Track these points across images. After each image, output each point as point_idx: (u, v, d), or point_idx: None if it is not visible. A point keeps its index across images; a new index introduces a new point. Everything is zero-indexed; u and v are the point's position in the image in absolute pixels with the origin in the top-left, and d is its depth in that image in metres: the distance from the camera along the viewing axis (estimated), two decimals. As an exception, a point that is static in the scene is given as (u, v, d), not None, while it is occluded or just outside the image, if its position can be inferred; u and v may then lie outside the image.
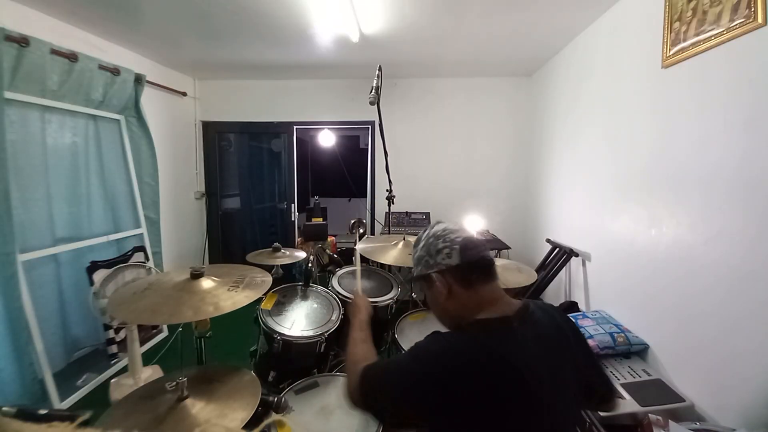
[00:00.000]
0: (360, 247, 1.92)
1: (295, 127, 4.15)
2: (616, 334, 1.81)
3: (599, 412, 1.42)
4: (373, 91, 1.80)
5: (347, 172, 4.51)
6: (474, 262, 0.87)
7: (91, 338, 2.54)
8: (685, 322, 1.58)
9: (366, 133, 4.35)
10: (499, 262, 1.71)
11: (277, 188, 4.41)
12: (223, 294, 1.15)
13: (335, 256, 2.52)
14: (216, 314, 1.06)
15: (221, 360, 1.28)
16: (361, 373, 0.85)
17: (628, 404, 1.46)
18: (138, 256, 2.80)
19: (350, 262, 2.27)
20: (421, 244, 0.93)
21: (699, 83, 1.53)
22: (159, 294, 1.11)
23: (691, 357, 1.55)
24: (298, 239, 4.00)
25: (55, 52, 2.20)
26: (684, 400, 1.49)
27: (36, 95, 2.17)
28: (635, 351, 1.79)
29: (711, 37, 1.43)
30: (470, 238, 0.89)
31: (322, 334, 1.55)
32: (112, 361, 2.53)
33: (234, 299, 1.13)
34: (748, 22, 1.27)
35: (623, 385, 1.56)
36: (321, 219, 3.36)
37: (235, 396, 0.99)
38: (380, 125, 2.00)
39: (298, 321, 1.61)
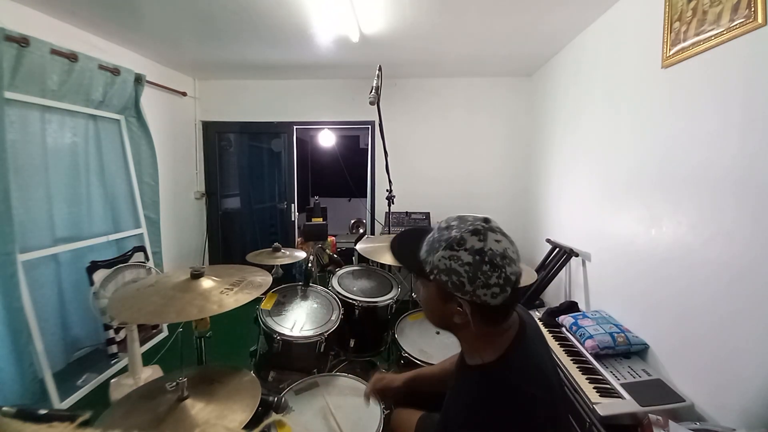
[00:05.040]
0: (360, 247, 1.92)
1: (295, 127, 4.15)
2: (616, 334, 1.81)
3: (598, 411, 1.43)
4: (373, 91, 1.80)
5: (347, 172, 4.51)
6: (512, 301, 0.75)
7: (91, 338, 2.54)
8: (685, 322, 1.58)
9: (366, 133, 4.35)
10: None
11: (277, 188, 4.40)
12: (225, 295, 1.15)
13: (335, 256, 2.52)
14: (220, 311, 1.07)
15: (221, 360, 1.28)
16: None
17: (628, 404, 1.46)
18: (138, 256, 2.80)
19: (350, 262, 2.28)
20: (467, 258, 0.70)
21: (699, 83, 1.53)
22: (161, 294, 1.11)
23: (691, 357, 1.55)
24: (298, 239, 4.00)
25: (55, 52, 2.20)
26: (684, 400, 1.49)
27: (36, 95, 2.17)
28: (635, 351, 1.79)
29: (711, 37, 1.43)
30: (520, 272, 0.75)
31: (322, 334, 1.55)
32: (112, 361, 2.53)
33: (236, 297, 1.14)
34: (748, 22, 1.27)
35: (623, 385, 1.56)
36: (321, 219, 3.35)
37: (235, 396, 0.99)
38: (380, 125, 2.00)
39: (298, 321, 1.61)
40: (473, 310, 0.73)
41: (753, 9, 1.25)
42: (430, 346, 1.59)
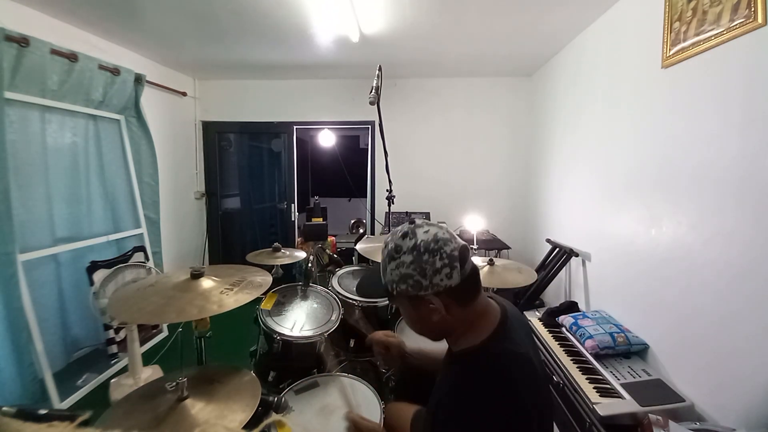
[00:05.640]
0: (360, 247, 1.92)
1: (295, 127, 4.15)
2: (616, 334, 1.81)
3: (598, 411, 1.43)
4: (373, 91, 1.80)
5: (347, 172, 4.51)
6: (472, 275, 0.80)
7: (91, 338, 2.54)
8: (685, 322, 1.58)
9: (366, 133, 4.35)
10: (498, 262, 1.72)
11: (277, 188, 4.41)
12: (225, 295, 1.15)
13: (335, 256, 2.52)
14: (220, 311, 1.06)
15: (221, 360, 1.28)
16: None
17: (628, 404, 1.46)
18: (138, 256, 2.80)
19: (350, 262, 2.27)
20: (407, 259, 0.76)
21: (698, 83, 1.53)
22: (161, 294, 1.11)
23: (691, 357, 1.55)
24: (298, 239, 4.00)
25: (55, 52, 2.20)
26: (684, 400, 1.49)
27: (36, 95, 2.17)
28: (635, 351, 1.79)
29: (711, 37, 1.43)
30: (464, 247, 0.80)
31: (322, 334, 1.55)
32: (112, 361, 2.53)
33: (236, 297, 1.14)
34: (748, 22, 1.27)
35: (623, 385, 1.56)
36: (321, 219, 3.36)
37: (235, 396, 0.99)
38: (380, 125, 2.00)
39: (298, 321, 1.61)
40: (443, 300, 0.77)
41: (753, 9, 1.25)
42: (430, 345, 1.59)
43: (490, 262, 1.69)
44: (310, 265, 1.96)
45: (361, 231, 4.27)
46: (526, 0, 2.12)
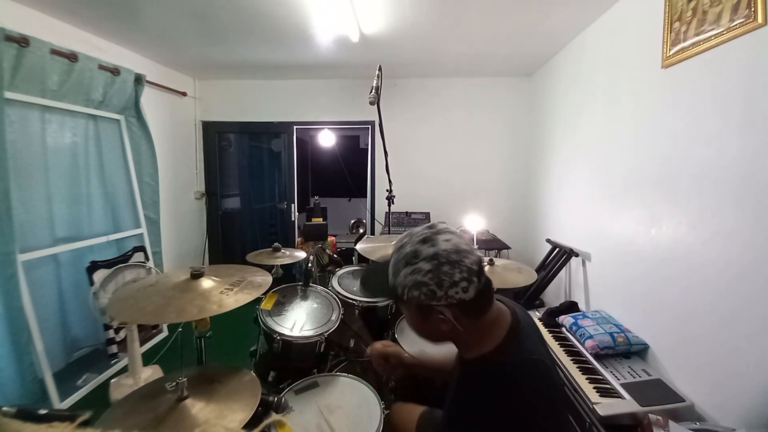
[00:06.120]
0: (360, 247, 1.92)
1: (295, 127, 4.15)
2: (616, 334, 1.81)
3: (598, 411, 1.42)
4: (373, 91, 1.80)
5: (347, 172, 4.51)
6: (486, 289, 0.77)
7: (91, 338, 2.54)
8: (685, 322, 1.58)
9: (366, 133, 4.35)
10: (498, 262, 1.72)
11: (277, 188, 4.41)
12: (225, 295, 1.15)
13: (335, 256, 2.52)
14: (220, 311, 1.06)
15: (221, 360, 1.28)
16: None
17: (628, 404, 1.46)
18: (138, 256, 2.80)
19: (350, 262, 2.28)
20: (425, 267, 0.72)
21: (698, 83, 1.53)
22: (161, 294, 1.11)
23: (691, 357, 1.55)
24: (298, 239, 4.00)
25: (55, 52, 2.20)
26: (684, 400, 1.49)
27: (36, 95, 2.17)
28: (635, 351, 1.79)
29: (711, 37, 1.43)
30: (480, 259, 0.77)
31: (322, 334, 1.55)
32: (112, 361, 2.53)
33: (236, 297, 1.14)
34: (748, 22, 1.27)
35: (623, 385, 1.56)
36: (321, 219, 3.35)
37: (235, 396, 0.99)
38: (380, 125, 2.00)
39: (298, 321, 1.61)
40: (454, 312, 0.75)
41: (753, 9, 1.25)
42: (430, 345, 1.59)
43: (490, 262, 1.69)
44: (310, 265, 1.96)
45: (361, 231, 4.28)
46: (526, 0, 2.12)
